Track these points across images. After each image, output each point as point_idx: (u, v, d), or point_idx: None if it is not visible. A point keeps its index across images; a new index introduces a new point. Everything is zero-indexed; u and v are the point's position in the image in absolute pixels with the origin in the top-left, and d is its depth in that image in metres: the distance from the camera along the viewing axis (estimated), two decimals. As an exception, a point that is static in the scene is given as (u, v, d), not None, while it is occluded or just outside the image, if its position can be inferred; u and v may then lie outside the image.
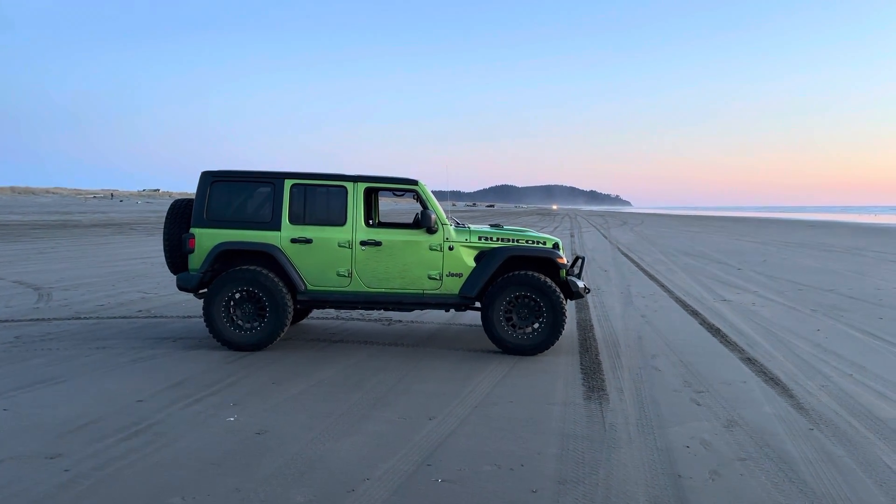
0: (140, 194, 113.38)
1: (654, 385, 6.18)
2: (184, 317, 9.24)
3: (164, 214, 46.73)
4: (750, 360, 7.15)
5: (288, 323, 7.31)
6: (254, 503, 3.71)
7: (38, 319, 8.84)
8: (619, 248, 24.60)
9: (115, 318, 9.09)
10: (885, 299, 11.92)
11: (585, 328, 8.82)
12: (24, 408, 5.26)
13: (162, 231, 7.98)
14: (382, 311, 7.57)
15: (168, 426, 4.90)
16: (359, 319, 9.26)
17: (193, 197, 7.57)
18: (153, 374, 6.28)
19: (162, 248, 11.82)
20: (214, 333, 7.23)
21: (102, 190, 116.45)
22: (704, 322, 9.40)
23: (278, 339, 7.32)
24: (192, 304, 10.26)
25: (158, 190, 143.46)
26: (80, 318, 8.95)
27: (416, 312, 9.64)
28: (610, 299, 11.47)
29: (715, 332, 8.71)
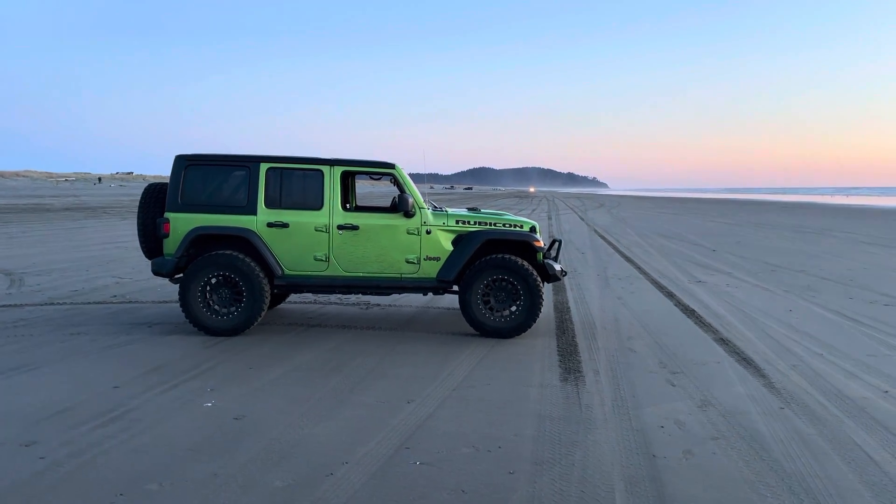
0: (113, 177, 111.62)
1: (629, 366, 6.26)
2: (159, 302, 9.17)
3: (133, 198, 46.06)
4: (724, 341, 7.26)
5: (265, 308, 7.28)
6: (232, 488, 3.71)
7: (10, 305, 8.72)
8: (595, 231, 24.76)
9: (89, 303, 8.99)
10: (855, 279, 12.14)
11: (562, 311, 8.89)
12: (-2, 395, 5.20)
13: (136, 215, 7.88)
14: (360, 295, 7.58)
15: (144, 412, 4.87)
16: (336, 303, 9.25)
17: (167, 181, 7.49)
18: (129, 360, 6.24)
19: (136, 232, 11.69)
20: (191, 319, 7.18)
21: (75, 173, 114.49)
22: (679, 304, 9.51)
23: (255, 323, 7.29)
24: (167, 289, 10.17)
25: (132, 173, 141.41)
26: (53, 304, 8.85)
27: (394, 296, 9.64)
28: (587, 282, 11.56)
29: (690, 313, 8.82)
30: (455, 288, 7.75)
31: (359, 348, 6.81)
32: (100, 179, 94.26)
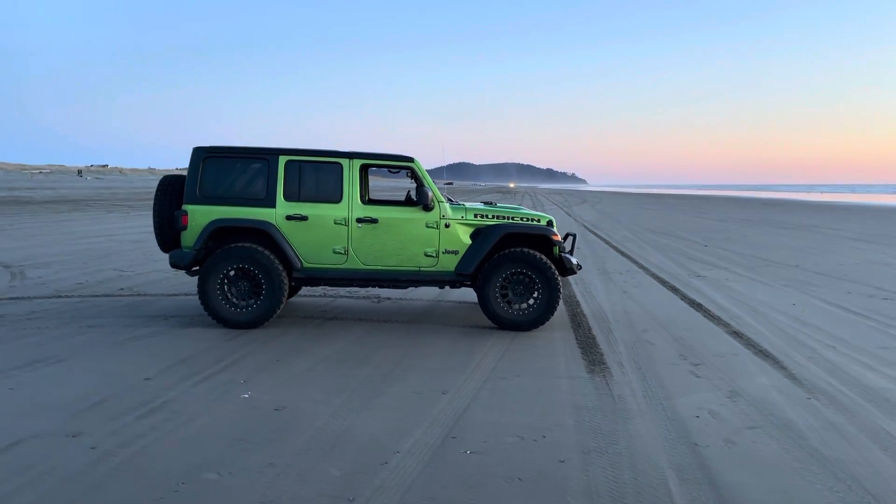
0: (89, 169, 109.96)
1: (651, 358, 6.36)
2: (170, 294, 9.13)
3: (114, 191, 45.45)
4: (737, 334, 7.39)
5: (284, 300, 7.30)
6: (290, 477, 3.75)
7: (17, 298, 8.64)
8: (585, 226, 24.93)
9: (97, 296, 8.93)
10: (848, 274, 12.37)
11: (572, 304, 8.99)
12: (30, 387, 5.18)
13: (151, 207, 7.85)
14: (377, 288, 7.61)
15: (183, 404, 4.88)
16: (347, 297, 9.27)
17: (176, 173, 7.46)
18: (154, 353, 6.22)
19: (127, 225, 11.60)
20: (210, 311, 7.17)
21: (49, 165, 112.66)
22: (685, 297, 9.65)
23: (274, 316, 7.29)
24: (175, 282, 10.13)
25: (107, 165, 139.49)
26: (61, 297, 8.77)
27: (403, 290, 9.66)
28: (589, 276, 11.67)
29: (697, 306, 8.96)
30: (467, 282, 7.79)
31: (381, 340, 6.85)
32: (80, 172, 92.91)
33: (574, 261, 7.66)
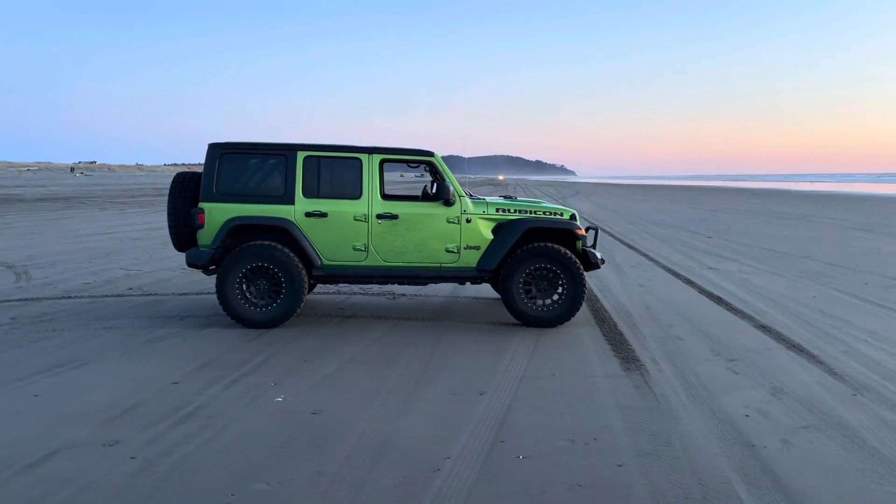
0: (77, 166, 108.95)
1: (684, 355, 6.24)
2: (181, 294, 8.94)
3: (105, 188, 44.98)
4: (764, 328, 7.29)
5: (304, 299, 7.13)
6: (343, 486, 3.60)
7: (27, 299, 8.43)
8: (585, 219, 24.82)
9: (107, 296, 8.73)
10: (860, 265, 12.31)
11: (591, 299, 8.86)
12: (55, 393, 5.00)
13: (166, 205, 7.66)
14: (397, 285, 7.46)
15: (216, 409, 4.72)
16: (362, 294, 9.11)
17: (186, 170, 7.27)
18: (176, 355, 6.05)
19: (125, 223, 11.38)
20: (228, 311, 7.00)
21: (37, 162, 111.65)
22: (703, 291, 9.55)
23: (294, 315, 7.13)
24: (184, 280, 9.95)
25: (95, 162, 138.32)
26: (70, 297, 8.57)
27: (418, 287, 9.50)
28: (601, 269, 11.48)
29: (717, 300, 8.86)
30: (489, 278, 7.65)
31: (405, 339, 6.70)
32: (72, 169, 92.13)
33: (598, 255, 7.53)
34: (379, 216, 7.17)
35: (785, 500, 3.49)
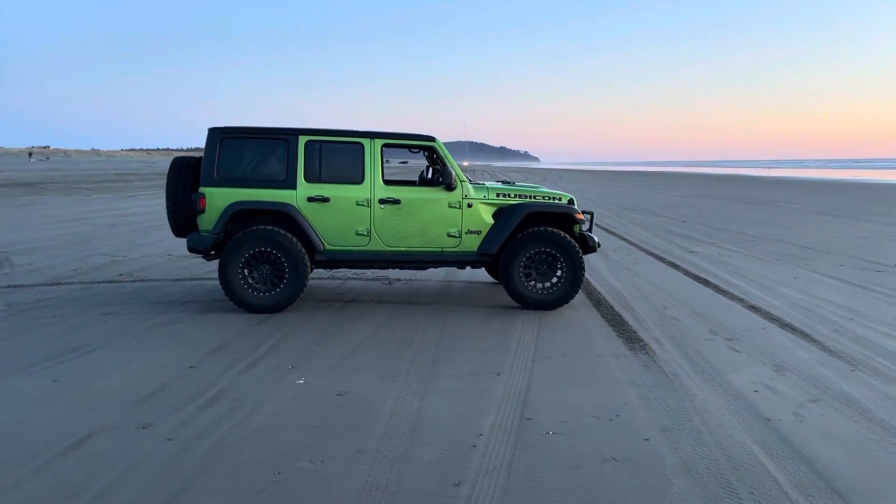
0: (34, 151, 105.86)
1: (684, 335, 6.44)
2: (174, 280, 8.88)
3: (65, 174, 43.90)
4: (754, 308, 7.53)
5: (307, 283, 7.16)
6: (385, 463, 3.69)
7: (16, 286, 8.31)
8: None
9: (98, 282, 8.64)
10: (831, 247, 12.70)
11: (583, 282, 9.02)
12: (74, 378, 4.99)
13: (164, 190, 7.60)
14: (398, 269, 7.52)
15: (240, 392, 4.76)
16: (356, 279, 9.16)
17: (182, 154, 7.23)
18: (185, 340, 6.05)
19: (96, 209, 11.23)
20: (231, 296, 7.00)
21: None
22: (689, 273, 9.80)
23: (297, 300, 7.16)
24: (174, 266, 9.88)
25: (48, 147, 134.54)
26: (61, 284, 8.46)
27: (411, 271, 9.57)
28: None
29: (704, 282, 9.10)
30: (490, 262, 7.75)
31: (411, 322, 6.78)
32: (30, 154, 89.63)
33: (595, 238, 7.69)
34: (381, 201, 7.22)
35: (808, 470, 3.68)
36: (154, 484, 3.41)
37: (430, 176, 8.23)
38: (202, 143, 7.23)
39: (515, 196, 7.50)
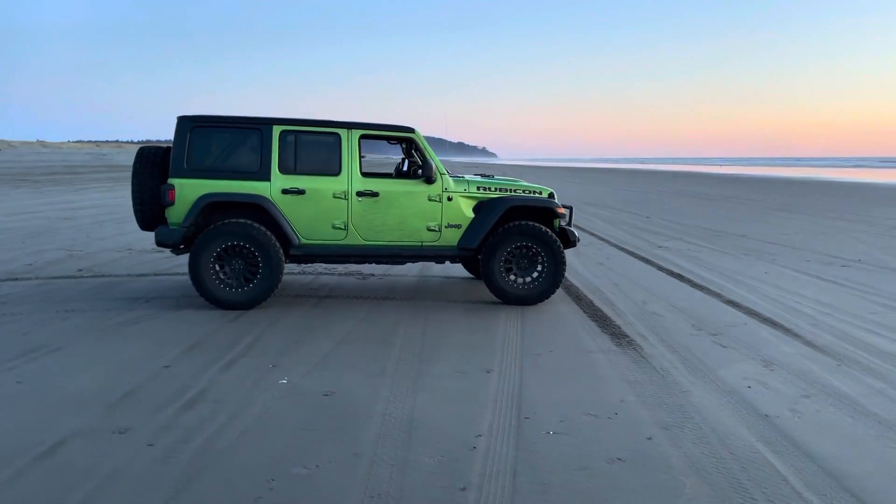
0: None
1: (668, 330, 6.38)
2: (136, 275, 8.53)
3: (8, 166, 42.32)
4: (732, 303, 7.54)
5: (281, 279, 6.92)
6: (385, 467, 3.51)
7: (-32, 282, 7.86)
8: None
9: (56, 278, 8.24)
10: (795, 243, 12.89)
11: (558, 277, 8.94)
12: (39, 379, 4.70)
13: (130, 181, 7.26)
14: (376, 264, 7.31)
15: (221, 393, 4.53)
16: (328, 273, 8.93)
17: (142, 144, 6.92)
18: (155, 338, 5.78)
19: (44, 203, 10.76)
20: (202, 292, 6.72)
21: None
22: (662, 268, 9.80)
23: (271, 295, 6.91)
24: (133, 261, 9.51)
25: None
26: (17, 279, 8.06)
27: (385, 266, 9.36)
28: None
29: (678, 277, 9.11)
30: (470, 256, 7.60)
31: (391, 319, 6.60)
32: None
33: (576, 233, 7.61)
34: (359, 193, 7.01)
35: (815, 466, 3.62)
36: (140, 494, 3.18)
37: (405, 168, 8.05)
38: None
39: (496, 189, 7.36)
